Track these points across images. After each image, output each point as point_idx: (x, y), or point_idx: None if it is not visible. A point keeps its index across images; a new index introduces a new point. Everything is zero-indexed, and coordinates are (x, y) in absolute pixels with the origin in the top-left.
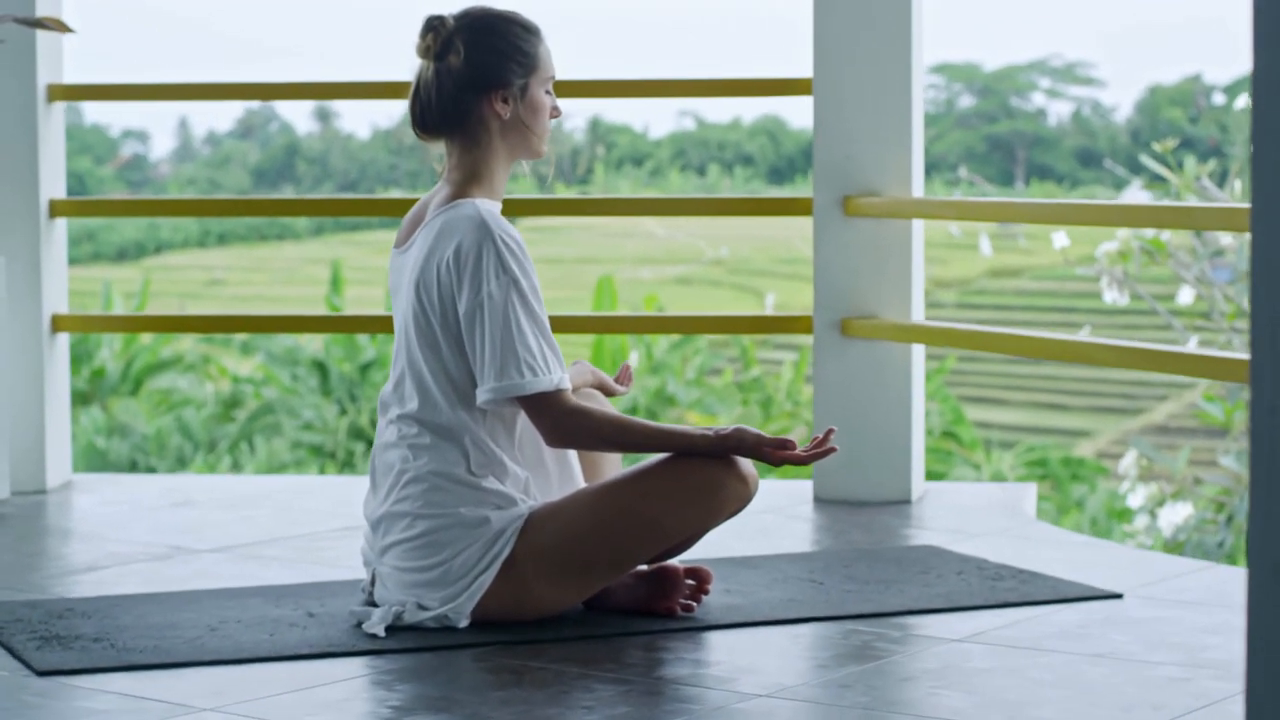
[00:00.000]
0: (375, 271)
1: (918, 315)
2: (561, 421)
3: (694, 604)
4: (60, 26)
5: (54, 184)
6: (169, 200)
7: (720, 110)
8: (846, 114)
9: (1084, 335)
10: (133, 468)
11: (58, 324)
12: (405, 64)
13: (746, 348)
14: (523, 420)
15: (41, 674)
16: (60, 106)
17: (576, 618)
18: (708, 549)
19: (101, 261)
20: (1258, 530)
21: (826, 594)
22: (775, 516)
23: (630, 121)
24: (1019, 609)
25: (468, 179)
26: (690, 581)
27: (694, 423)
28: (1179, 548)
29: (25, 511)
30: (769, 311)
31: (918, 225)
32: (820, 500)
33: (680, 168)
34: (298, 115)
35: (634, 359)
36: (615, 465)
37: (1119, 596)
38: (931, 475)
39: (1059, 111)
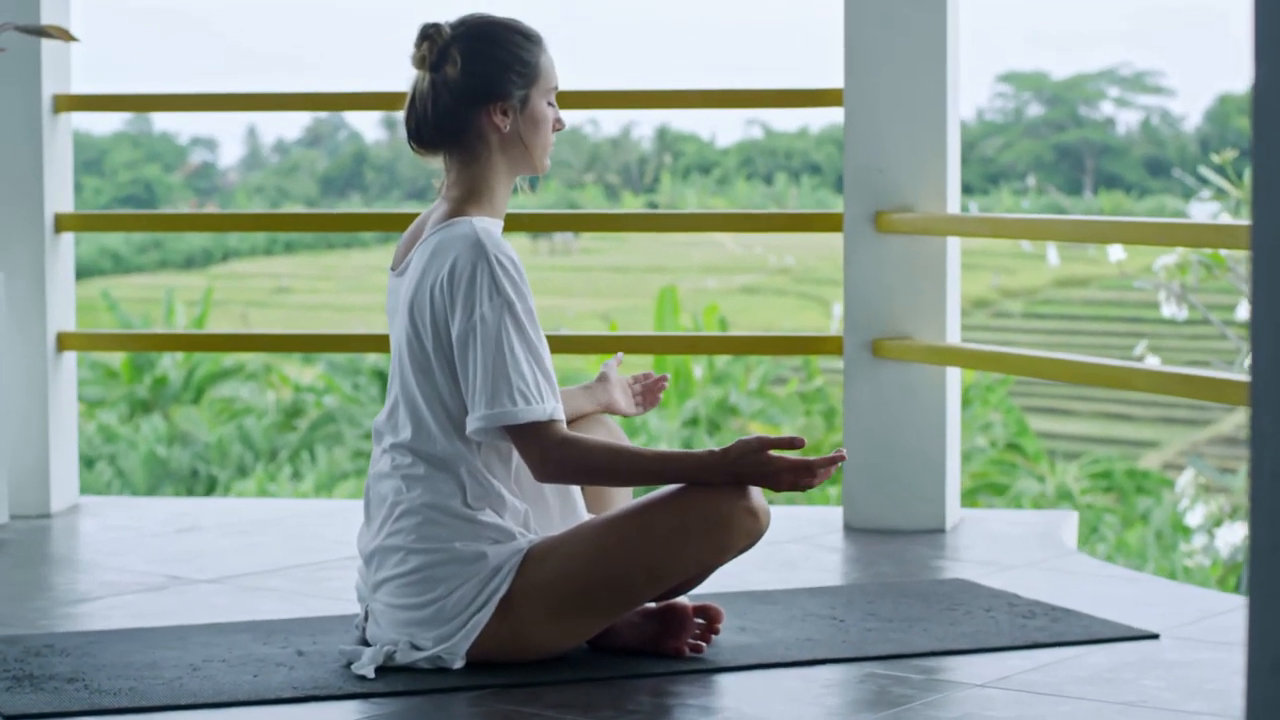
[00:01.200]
0: None
1: (953, 336)
2: (551, 453)
3: (703, 644)
4: (64, 35)
5: (60, 198)
6: (176, 215)
7: (788, 119)
8: (879, 126)
9: (1140, 349)
10: (193, 476)
11: (63, 342)
12: (404, 74)
13: (809, 358)
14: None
15: (7, 718)
16: (67, 118)
17: (578, 658)
18: (726, 582)
19: (169, 269)
20: (1258, 618)
21: (846, 633)
22: (803, 546)
23: (697, 130)
24: (1048, 650)
25: (466, 196)
26: (700, 620)
27: (756, 434)
28: (1237, 569)
29: (24, 537)
30: (835, 321)
31: (953, 243)
32: (851, 529)
33: (747, 176)
34: (366, 124)
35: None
36: (624, 496)
37: (1155, 637)
38: (994, 488)
39: (1128, 121)
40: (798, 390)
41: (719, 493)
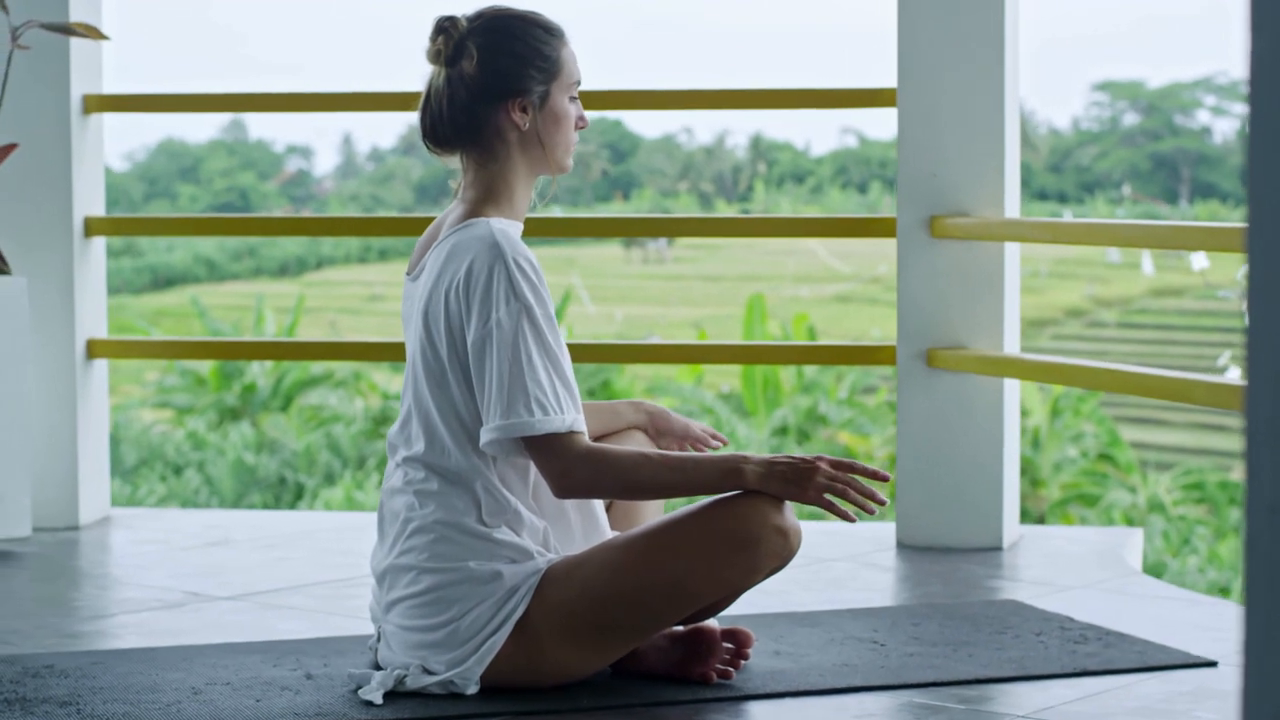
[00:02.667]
0: None
1: (1011, 346)
2: (572, 467)
3: (732, 670)
4: (93, 33)
5: (91, 200)
6: (210, 218)
7: (884, 127)
8: (933, 127)
9: (1224, 360)
10: (281, 484)
11: (94, 349)
12: (417, 74)
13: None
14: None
15: None
16: (98, 118)
17: (599, 684)
18: (765, 602)
19: (263, 277)
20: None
21: (886, 658)
22: (851, 564)
23: (791, 138)
24: (1098, 678)
25: (484, 197)
26: (728, 645)
27: (845, 443)
28: None
29: (48, 550)
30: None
31: (1011, 249)
32: (903, 547)
33: (841, 185)
34: None
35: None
36: (653, 512)
37: (1213, 665)
38: (1085, 499)
39: (1224, 129)
40: (887, 399)
41: (747, 511)
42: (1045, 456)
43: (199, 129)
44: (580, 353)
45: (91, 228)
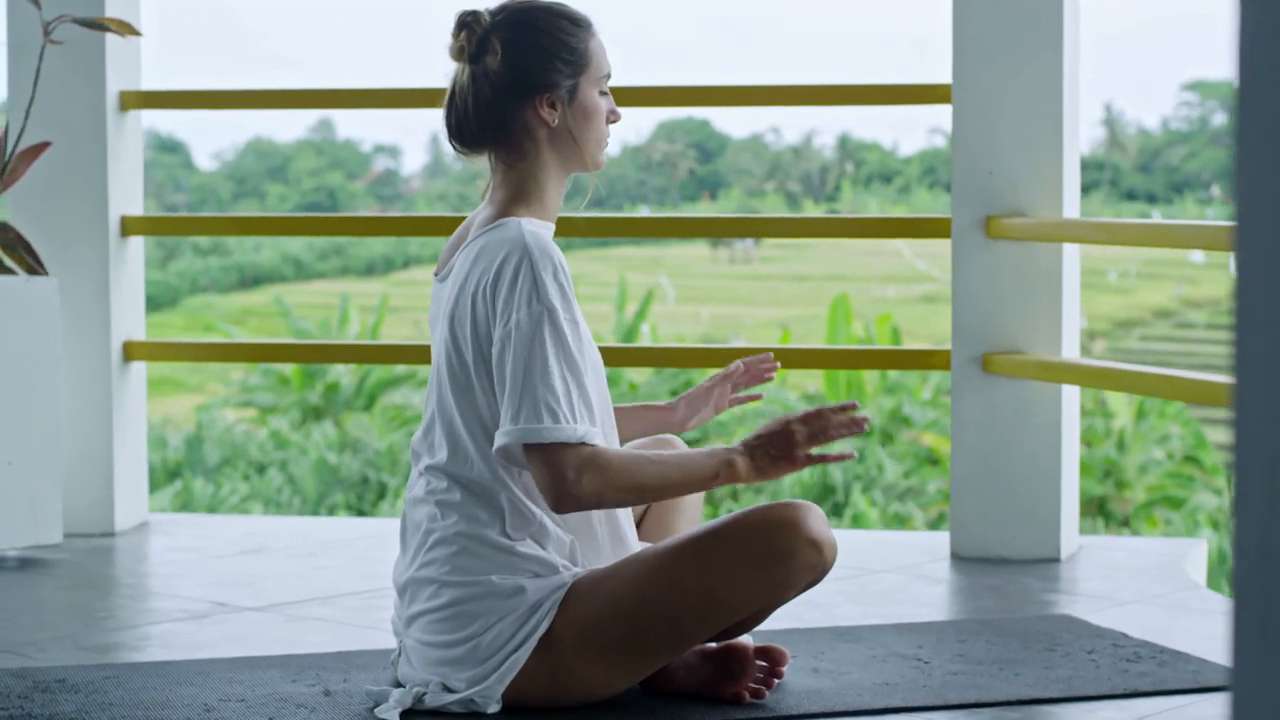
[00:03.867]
0: (608, 286)
1: (1069, 351)
2: (580, 478)
3: (765, 689)
4: (125, 29)
5: (128, 199)
6: (249, 218)
7: None
8: (989, 123)
9: None
10: (364, 483)
11: (130, 351)
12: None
13: None
14: None
15: None
16: (136, 115)
17: (626, 703)
18: (808, 615)
19: (350, 276)
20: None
21: (929, 676)
22: (902, 576)
23: (879, 138)
24: (1149, 699)
25: (513, 197)
26: (762, 663)
27: (928, 444)
28: None
29: (79, 558)
30: None
31: (1070, 250)
32: (958, 558)
33: (929, 185)
34: None
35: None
36: (687, 523)
37: None
38: (1170, 501)
39: None
40: None
41: (780, 523)
42: (1130, 459)
43: (288, 129)
44: (613, 357)
45: (128, 227)
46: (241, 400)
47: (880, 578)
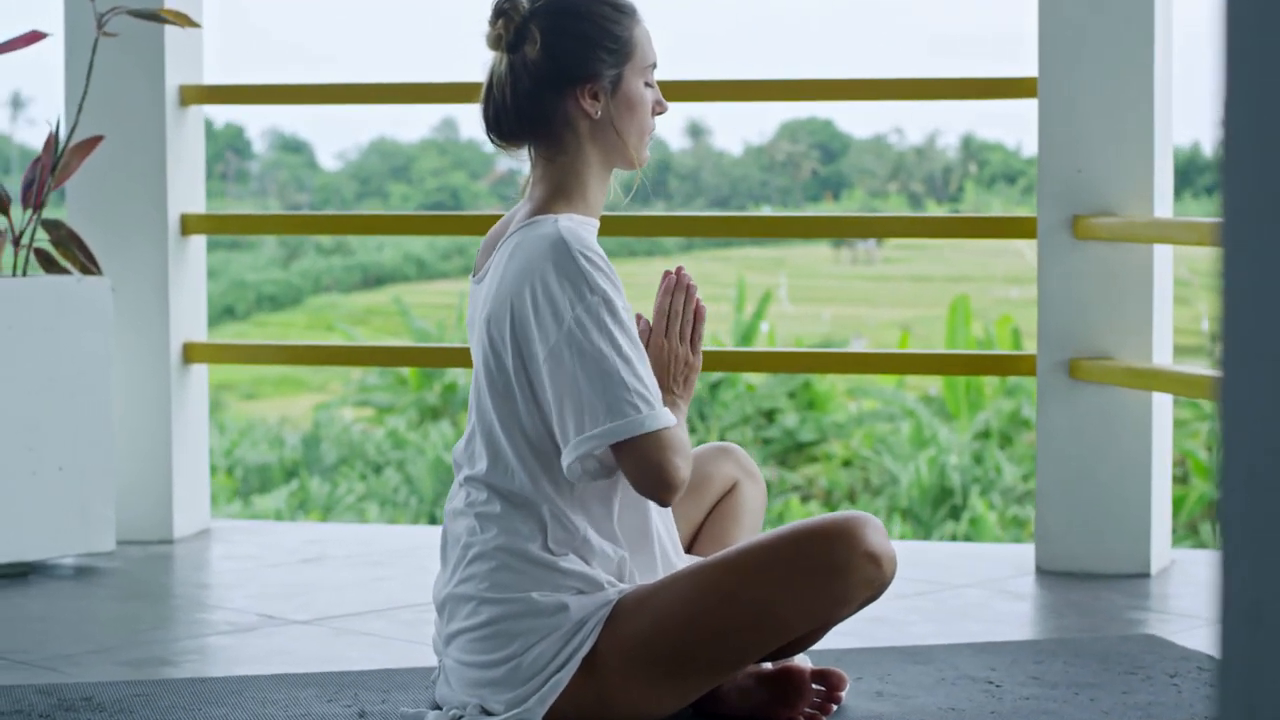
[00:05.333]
0: (727, 287)
1: (1161, 357)
2: (681, 464)
3: (822, 715)
4: (183, 20)
5: (188, 197)
6: (310, 216)
7: None
8: (1077, 119)
9: None
10: None
11: (190, 353)
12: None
13: None
14: (624, 487)
15: None
16: (197, 111)
17: None
18: (877, 633)
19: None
20: None
21: (999, 701)
22: (983, 591)
23: (1003, 139)
24: None
25: (553, 193)
26: (819, 687)
27: None
28: None
29: (132, 567)
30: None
31: (1162, 251)
32: (1043, 572)
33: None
34: (671, 131)
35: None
36: (740, 537)
37: None
38: None
39: None
40: None
41: (836, 535)
42: None
43: (411, 128)
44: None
45: (188, 225)
46: (359, 400)
47: (960, 593)
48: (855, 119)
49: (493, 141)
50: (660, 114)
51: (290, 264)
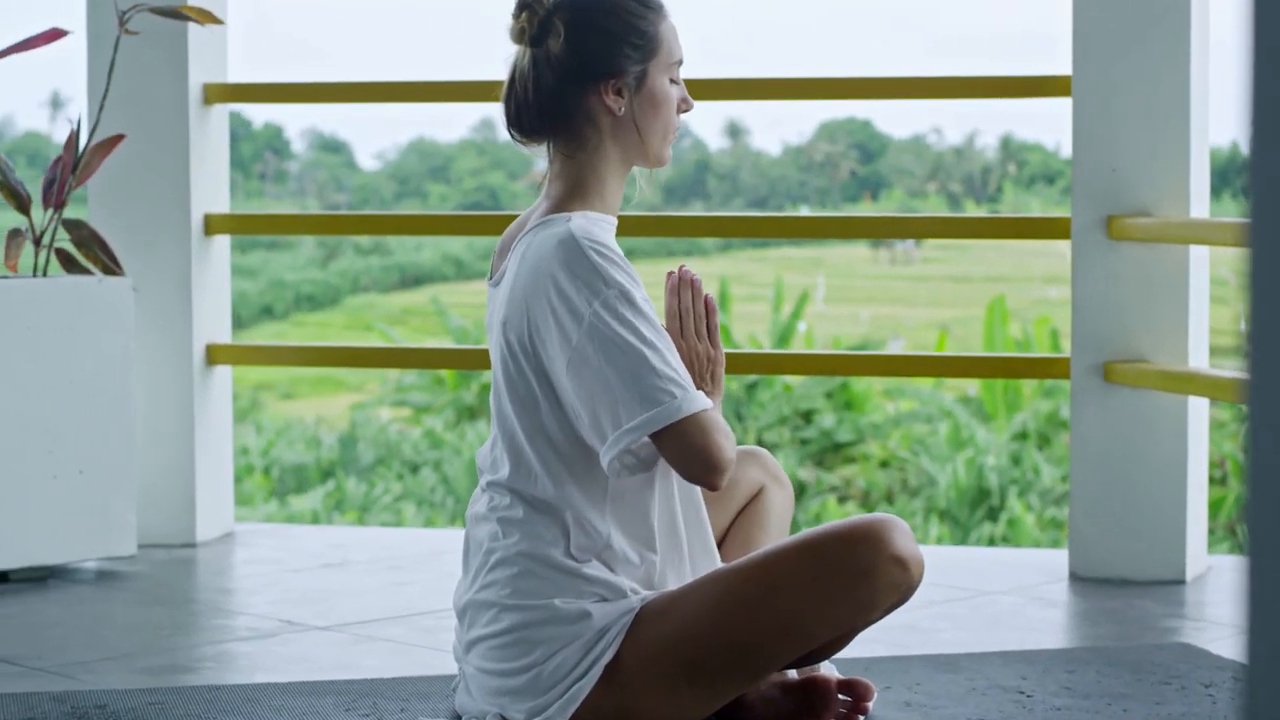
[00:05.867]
0: (765, 287)
1: (1197, 360)
2: (725, 446)
3: None
4: (206, 18)
5: (212, 197)
6: (336, 216)
7: None
8: (1111, 117)
9: None
10: None
11: (214, 355)
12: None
13: None
14: (660, 487)
15: None
16: (221, 109)
17: None
18: (907, 640)
19: None
20: None
21: (1029, 712)
22: (1016, 598)
23: (1042, 139)
24: None
25: (571, 191)
26: (845, 697)
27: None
28: None
29: (153, 571)
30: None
31: (1198, 252)
32: (1077, 578)
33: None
34: (709, 131)
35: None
36: (775, 538)
37: None
38: None
39: None
40: None
41: (861, 538)
42: None
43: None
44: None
45: (212, 225)
46: (396, 400)
47: (992, 600)
48: (894, 119)
49: (513, 137)
50: (685, 112)
51: (329, 264)
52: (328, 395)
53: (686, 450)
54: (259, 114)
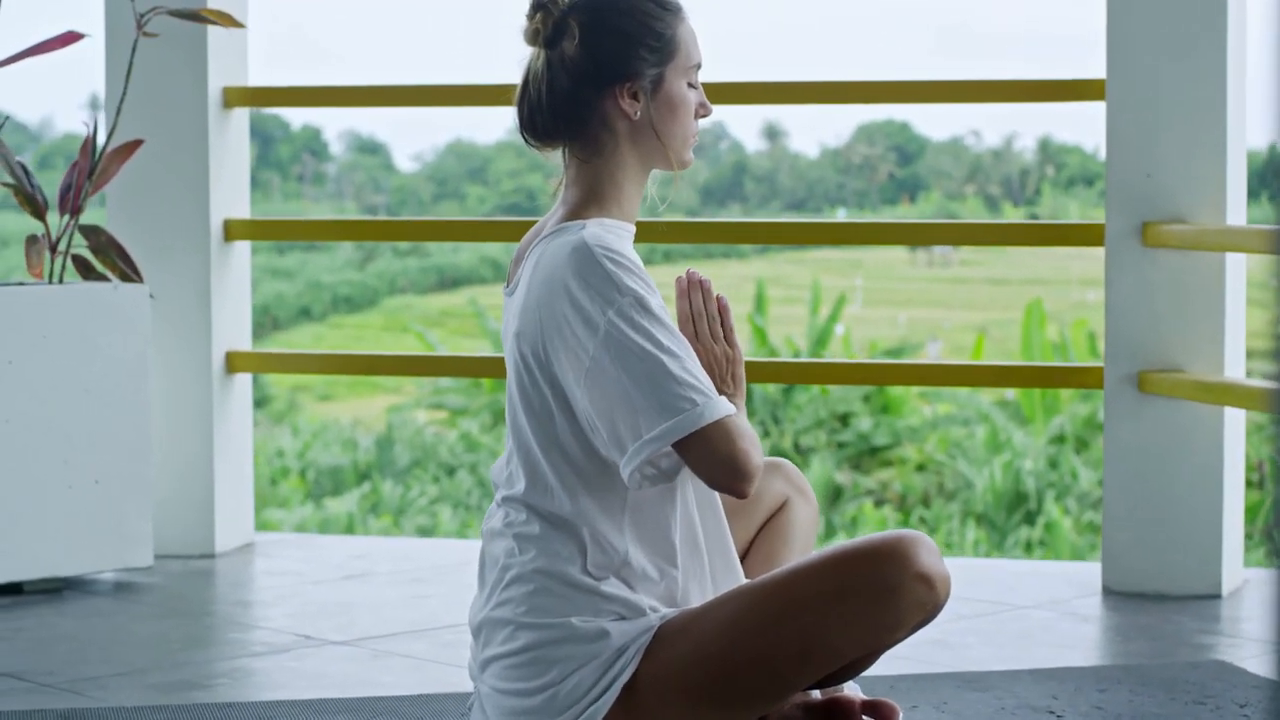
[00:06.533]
0: (802, 289)
1: (1233, 370)
2: (751, 453)
3: None
4: (226, 20)
5: (232, 202)
6: (358, 222)
7: None
8: (1147, 122)
9: None
10: None
11: (234, 363)
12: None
13: None
14: (681, 501)
15: None
16: (242, 113)
17: None
18: (936, 657)
19: None
20: None
21: None
22: (1049, 612)
23: (1081, 141)
24: None
25: (587, 197)
26: (869, 718)
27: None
28: None
29: (169, 583)
30: None
31: (1234, 259)
32: (1110, 592)
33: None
34: (747, 133)
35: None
36: (792, 556)
37: None
38: None
39: None
40: None
41: (885, 555)
42: None
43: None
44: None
45: (232, 231)
46: (433, 402)
47: (1023, 615)
48: (932, 121)
49: (526, 141)
50: (704, 117)
51: (366, 266)
52: (365, 397)
53: (712, 458)
54: (297, 116)
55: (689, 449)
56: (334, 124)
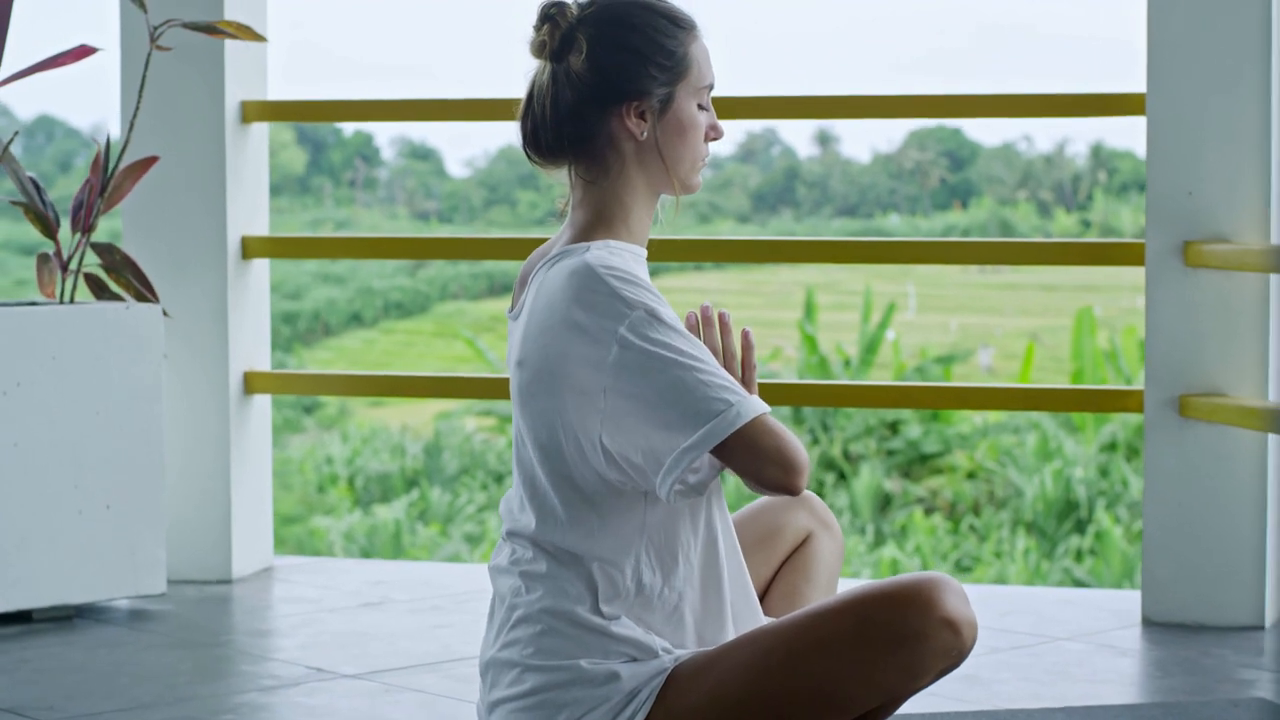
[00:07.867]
0: (854, 294)
1: (1277, 395)
2: (796, 448)
3: None
4: (245, 33)
5: (250, 218)
6: (380, 239)
7: None
8: (1188, 138)
9: None
10: None
11: (252, 383)
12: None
13: None
14: (706, 526)
15: None
16: (261, 128)
17: None
18: (966, 694)
19: None
20: None
21: None
22: (1085, 644)
23: (1133, 147)
24: None
25: (593, 219)
26: None
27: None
28: None
29: (182, 610)
30: None
31: (1278, 280)
32: (1150, 623)
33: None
34: (799, 139)
35: None
36: (814, 597)
37: None
38: None
39: None
40: None
41: (908, 600)
42: None
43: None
44: (778, 393)
45: (250, 249)
46: (482, 409)
47: (1058, 647)
48: (983, 127)
49: (530, 159)
50: (714, 140)
51: (418, 271)
52: (415, 403)
53: (758, 456)
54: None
55: (731, 452)
56: (386, 130)
